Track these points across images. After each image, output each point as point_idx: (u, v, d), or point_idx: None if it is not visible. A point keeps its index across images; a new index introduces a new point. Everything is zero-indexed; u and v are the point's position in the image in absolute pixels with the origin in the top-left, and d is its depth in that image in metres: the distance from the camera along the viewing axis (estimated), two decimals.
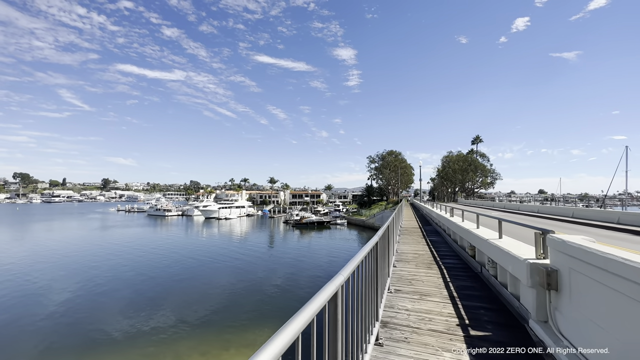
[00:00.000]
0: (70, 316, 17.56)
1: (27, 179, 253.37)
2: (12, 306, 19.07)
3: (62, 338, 14.96)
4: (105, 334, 15.28)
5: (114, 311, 18.16)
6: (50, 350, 13.83)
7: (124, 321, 16.68)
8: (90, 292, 21.82)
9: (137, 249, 37.78)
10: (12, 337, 15.00)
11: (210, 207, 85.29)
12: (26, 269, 28.15)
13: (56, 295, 20.93)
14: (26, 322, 16.74)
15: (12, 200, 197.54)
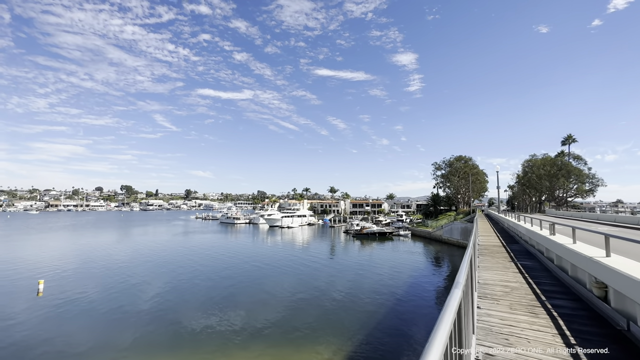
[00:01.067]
0: (158, 308, 20.19)
1: (130, 191, 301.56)
2: (117, 295, 22.66)
3: (151, 326, 17.18)
4: (180, 328, 17.10)
5: (191, 310, 19.97)
6: (144, 334, 16.28)
7: (197, 320, 18.13)
8: (174, 290, 24.48)
9: (210, 254, 40.92)
10: (117, 322, 17.82)
11: (274, 215, 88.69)
12: (128, 265, 33.33)
13: (149, 290, 24.26)
14: (127, 310, 19.88)
15: (119, 208, 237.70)
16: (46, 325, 17.15)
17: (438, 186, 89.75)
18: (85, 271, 30.41)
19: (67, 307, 20.07)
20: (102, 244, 51.46)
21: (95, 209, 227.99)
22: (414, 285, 26.37)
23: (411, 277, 29.19)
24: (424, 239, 60.03)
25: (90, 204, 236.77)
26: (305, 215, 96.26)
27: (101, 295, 22.76)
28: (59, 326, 17.09)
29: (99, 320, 18.12)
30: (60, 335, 16.00)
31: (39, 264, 33.44)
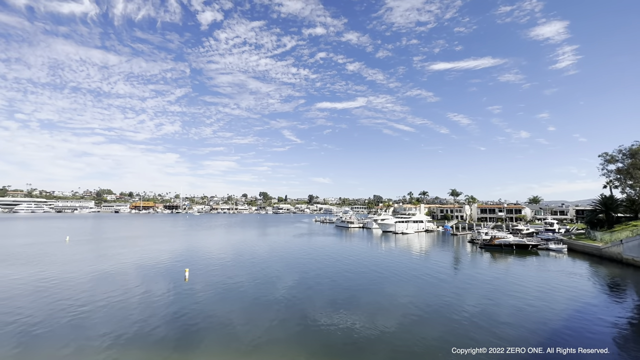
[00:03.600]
0: (288, 300, 22.84)
1: (266, 196, 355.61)
2: (251, 285, 26.64)
3: (280, 317, 18.71)
4: (309, 321, 18.74)
5: (317, 305, 21.82)
6: (273, 323, 17.99)
7: (322, 316, 19.53)
8: (301, 284, 27.44)
9: (328, 255, 42.86)
10: (249, 307, 19.82)
11: (387, 220, 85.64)
12: (262, 259, 39.09)
13: (280, 282, 27.87)
14: (260, 298, 23.12)
15: (258, 211, 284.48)
16: (188, 305, 20.97)
17: (611, 185, 66.35)
18: (225, 262, 36.55)
19: (206, 292, 24.18)
20: (241, 240, 61.60)
21: (241, 211, 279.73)
22: (576, 323, 19.15)
23: (571, 310, 21.50)
24: (590, 256, 44.72)
25: (238, 208, 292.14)
26: (422, 220, 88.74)
27: (237, 284, 26.85)
28: (198, 306, 20.58)
29: (233, 304, 21.15)
30: (198, 313, 19.16)
31: (188, 254, 42.62)
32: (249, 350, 14.89)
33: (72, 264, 35.10)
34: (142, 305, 21.03)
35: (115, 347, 14.83)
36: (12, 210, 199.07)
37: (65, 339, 15.72)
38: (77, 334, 16.35)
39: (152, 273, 30.87)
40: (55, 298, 22.36)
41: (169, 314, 19.44)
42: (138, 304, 21.17)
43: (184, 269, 30.28)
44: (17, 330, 16.73)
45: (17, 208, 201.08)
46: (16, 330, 16.81)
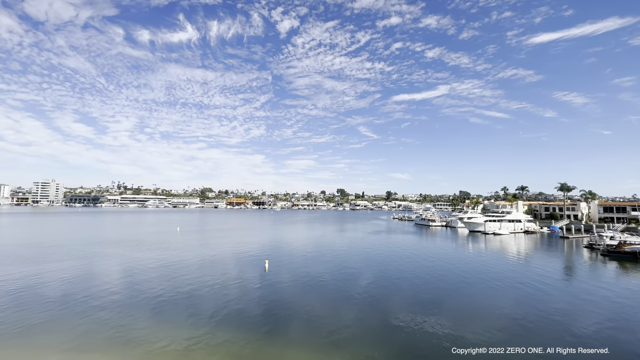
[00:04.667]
0: (367, 298, 22.27)
1: (343, 193, 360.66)
2: (331, 279, 27.14)
3: (361, 312, 18.35)
4: (393, 319, 17.79)
5: (397, 305, 21.17)
6: (352, 317, 17.51)
7: (403, 317, 18.68)
8: (381, 282, 27.04)
9: (408, 254, 40.75)
10: (338, 304, 20.06)
11: (475, 219, 76.74)
12: (341, 254, 39.63)
13: (359, 280, 27.67)
14: (339, 292, 23.56)
15: (335, 207, 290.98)
16: (269, 294, 22.70)
17: None
18: (306, 256, 38.41)
19: (286, 283, 25.81)
20: (320, 235, 63.92)
21: (320, 207, 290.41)
22: None
23: None
24: None
25: (317, 204, 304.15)
26: (520, 220, 76.57)
27: (317, 277, 27.78)
28: (279, 295, 22.11)
29: (313, 296, 21.97)
30: (279, 301, 20.58)
31: (270, 247, 45.97)
32: (328, 343, 15.14)
33: (183, 250, 41.90)
34: (235, 288, 23.66)
35: (216, 322, 17.10)
36: (144, 205, 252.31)
37: (181, 310, 19.09)
38: (190, 306, 19.63)
39: (240, 261, 34.53)
40: (173, 277, 27.08)
41: (254, 299, 21.35)
42: (232, 287, 23.96)
43: (264, 260, 32.85)
44: (149, 299, 20.99)
45: (147, 203, 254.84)
46: (148, 298, 21.13)
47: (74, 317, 17.81)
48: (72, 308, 19.21)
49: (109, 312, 18.57)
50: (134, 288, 23.75)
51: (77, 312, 18.59)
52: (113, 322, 17.10)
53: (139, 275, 27.59)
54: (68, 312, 18.57)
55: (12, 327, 16.16)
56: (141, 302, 20.63)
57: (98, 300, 20.70)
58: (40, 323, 16.81)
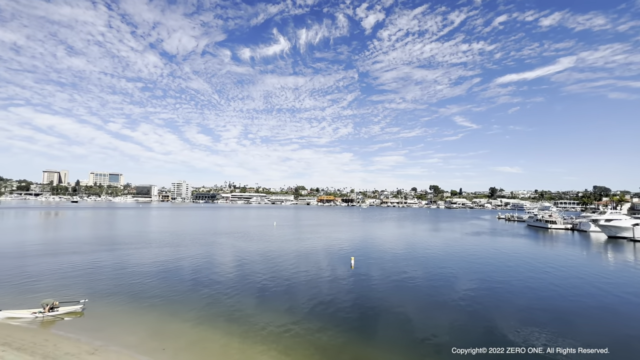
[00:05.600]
0: (468, 306, 19.96)
1: (437, 190, 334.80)
2: (418, 279, 25.60)
3: (462, 323, 17.26)
4: (493, 333, 15.50)
5: (505, 318, 18.04)
6: (450, 324, 16.54)
7: (510, 335, 15.74)
8: (485, 291, 23.66)
9: (518, 261, 35.40)
10: (435, 309, 19.84)
11: (618, 222, 60.16)
12: (431, 255, 37.20)
13: (458, 284, 25.26)
14: (439, 300, 21.50)
15: (428, 205, 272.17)
16: (356, 290, 23.04)
17: None
18: (395, 254, 37.49)
19: (374, 281, 25.78)
20: (411, 234, 61.26)
21: (410, 205, 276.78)
22: None
23: None
24: None
25: (407, 201, 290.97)
26: None
27: (408, 278, 26.85)
28: (364, 292, 22.28)
29: (404, 298, 21.46)
30: (362, 297, 20.78)
31: (358, 243, 46.05)
32: (422, 348, 14.44)
33: (280, 243, 46.34)
34: (325, 283, 24.92)
35: (308, 312, 18.37)
36: (248, 201, 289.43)
37: (280, 297, 21.18)
38: (287, 295, 21.57)
39: (328, 256, 36.04)
40: (273, 266, 30.24)
41: (342, 294, 22.04)
42: (322, 282, 25.26)
43: (351, 257, 33.33)
44: (254, 284, 23.99)
45: (251, 200, 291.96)
46: (254, 284, 24.18)
47: (200, 293, 21.80)
48: (198, 285, 23.56)
49: (225, 292, 21.98)
50: (243, 274, 27.48)
51: (202, 289, 22.69)
52: (228, 301, 20.18)
53: (246, 263, 31.76)
54: (195, 288, 22.83)
55: (156, 296, 20.91)
56: (249, 286, 23.68)
57: (216, 281, 24.80)
58: (176, 295, 21.22)
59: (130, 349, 13.62)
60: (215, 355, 13.35)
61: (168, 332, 15.45)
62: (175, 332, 15.40)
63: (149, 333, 15.25)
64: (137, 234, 53.33)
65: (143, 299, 20.27)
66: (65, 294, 20.19)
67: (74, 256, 33.11)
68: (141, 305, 19.15)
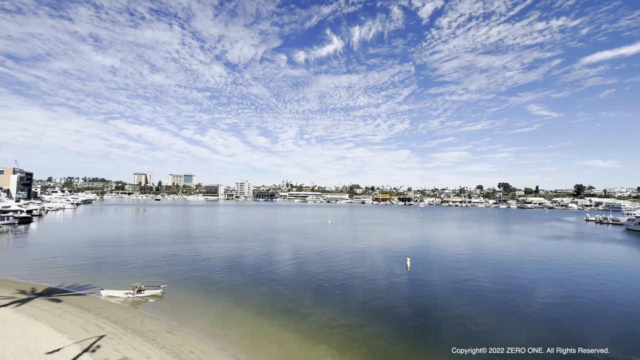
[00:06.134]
0: (551, 320, 17.81)
1: (507, 188, 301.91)
2: (499, 292, 23.55)
3: (543, 338, 15.59)
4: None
5: (596, 336, 15.71)
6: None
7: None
8: (568, 302, 21.16)
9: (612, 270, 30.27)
10: (508, 319, 18.36)
11: None
12: (507, 262, 33.70)
13: (536, 294, 22.69)
14: (513, 310, 19.59)
15: (496, 205, 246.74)
16: (410, 292, 22.09)
17: None
18: (457, 257, 35.02)
19: (427, 283, 24.46)
20: (476, 235, 56.46)
21: (475, 204, 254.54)
22: None
23: None
24: None
25: (471, 201, 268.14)
26: None
27: (474, 284, 24.94)
28: (422, 295, 21.26)
29: (470, 305, 20.01)
30: (419, 301, 19.84)
31: (415, 244, 43.82)
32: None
33: (335, 241, 46.81)
34: (380, 283, 24.46)
35: (366, 314, 18.21)
36: (304, 200, 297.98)
37: (336, 295, 21.37)
38: (343, 294, 21.69)
39: (383, 256, 35.18)
40: (329, 264, 30.73)
41: (399, 297, 21.36)
42: (377, 282, 24.83)
43: (406, 258, 31.96)
44: (311, 281, 24.70)
45: (307, 199, 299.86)
46: (310, 280, 24.90)
47: (261, 286, 23.22)
48: (259, 279, 25.11)
49: (284, 287, 23.04)
50: (300, 270, 28.42)
51: (263, 282, 24.14)
52: (286, 295, 21.10)
53: (303, 260, 32.78)
54: (257, 281, 24.38)
55: (222, 286, 22.84)
56: (305, 282, 24.42)
57: (276, 275, 26.14)
58: (239, 286, 22.92)
59: (199, 331, 15.17)
60: (272, 344, 14.10)
61: (231, 319, 16.80)
62: (238, 320, 16.66)
63: (215, 319, 16.79)
64: (207, 229, 59.01)
65: (211, 287, 22.37)
66: (149, 279, 23.34)
67: (157, 247, 38.09)
68: (210, 293, 21.17)
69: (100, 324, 15.06)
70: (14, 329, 13.80)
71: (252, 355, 13.14)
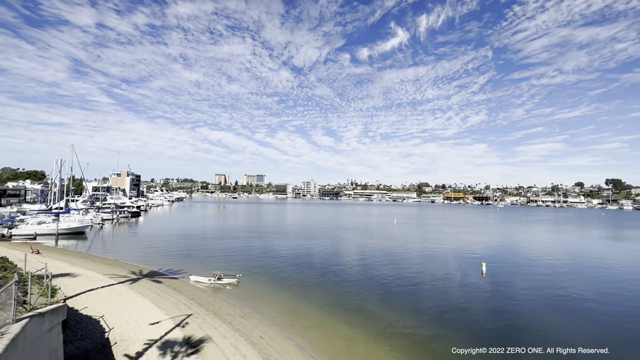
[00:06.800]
0: None
1: (619, 185, 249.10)
2: (609, 310, 20.42)
3: None
4: None
5: None
6: None
7: None
8: None
9: None
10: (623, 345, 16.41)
11: None
12: (621, 276, 28.59)
13: None
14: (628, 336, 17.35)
15: (603, 205, 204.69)
16: (485, 299, 19.98)
17: None
18: (543, 264, 30.50)
19: (509, 291, 21.79)
20: (576, 242, 48.17)
21: (573, 205, 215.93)
22: None
23: None
24: None
25: (568, 200, 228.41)
26: None
27: (565, 295, 21.75)
28: (496, 302, 19.10)
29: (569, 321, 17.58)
30: (493, 309, 17.85)
31: (492, 248, 39.13)
32: None
33: (401, 241, 45.16)
34: (454, 289, 22.78)
35: (434, 319, 17.26)
36: (369, 198, 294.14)
37: (405, 298, 20.53)
38: (413, 298, 20.68)
39: (455, 259, 32.50)
40: (396, 265, 29.78)
41: (477, 305, 19.58)
42: (450, 287, 23.17)
43: (481, 263, 28.93)
44: (378, 281, 24.25)
45: (372, 197, 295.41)
46: (377, 280, 24.46)
47: (328, 282, 23.81)
48: (326, 275, 25.78)
49: (349, 284, 23.25)
50: (366, 269, 28.17)
51: (329, 278, 24.72)
52: (351, 292, 21.26)
53: (368, 259, 32.42)
54: (324, 277, 25.09)
55: (291, 279, 24.09)
56: (371, 281, 24.07)
57: (342, 273, 26.50)
58: (307, 281, 23.89)
59: (268, 319, 16.36)
60: (335, 339, 14.39)
61: (297, 311, 17.67)
62: (303, 313, 17.45)
63: (283, 309, 17.87)
64: (277, 226, 63.00)
65: (281, 280, 23.84)
66: (227, 269, 26.02)
67: (234, 240, 42.21)
68: (279, 285, 22.60)
69: (188, 304, 17.44)
70: (128, 301, 16.94)
71: (315, 347, 13.63)
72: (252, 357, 12.04)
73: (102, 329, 13.58)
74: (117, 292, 18.40)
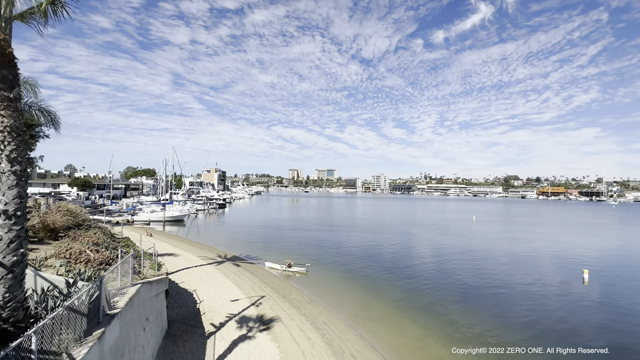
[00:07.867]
0: None
1: None
2: None
3: None
4: None
5: None
6: None
7: None
8: None
9: None
10: None
11: None
12: None
13: None
14: None
15: None
16: (586, 311, 16.89)
17: None
18: None
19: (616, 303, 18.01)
20: None
21: None
22: None
23: None
24: None
25: None
26: None
27: None
28: (600, 316, 16.01)
29: None
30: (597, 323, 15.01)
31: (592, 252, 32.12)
32: None
33: (482, 240, 41.05)
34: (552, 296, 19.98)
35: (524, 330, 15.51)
36: (445, 193, 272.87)
37: (489, 304, 18.59)
38: (498, 304, 18.62)
39: (549, 264, 28.14)
40: (477, 267, 27.28)
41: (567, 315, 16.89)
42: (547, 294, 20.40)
43: (582, 269, 24.28)
44: (455, 282, 22.63)
45: (448, 192, 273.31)
46: (455, 281, 22.84)
47: (395, 277, 23.39)
48: (395, 271, 25.27)
49: (420, 282, 22.34)
50: (441, 269, 26.45)
51: (398, 274, 24.17)
52: (422, 293, 20.22)
53: (444, 258, 30.35)
54: (392, 273, 24.64)
55: (358, 272, 24.36)
56: (449, 283, 22.42)
57: (412, 270, 25.66)
58: (373, 274, 23.88)
59: (333, 307, 17.03)
60: (397, 334, 14.21)
61: (363, 303, 17.92)
62: (369, 305, 17.61)
63: (347, 300, 18.34)
64: (346, 219, 63.98)
65: (347, 272, 24.37)
66: (298, 257, 27.73)
67: (306, 232, 44.53)
68: (345, 276, 23.18)
69: (262, 287, 19.33)
70: (214, 280, 19.66)
71: (376, 339, 13.70)
72: (315, 340, 12.81)
73: (194, 300, 16.16)
74: (207, 272, 21.48)
